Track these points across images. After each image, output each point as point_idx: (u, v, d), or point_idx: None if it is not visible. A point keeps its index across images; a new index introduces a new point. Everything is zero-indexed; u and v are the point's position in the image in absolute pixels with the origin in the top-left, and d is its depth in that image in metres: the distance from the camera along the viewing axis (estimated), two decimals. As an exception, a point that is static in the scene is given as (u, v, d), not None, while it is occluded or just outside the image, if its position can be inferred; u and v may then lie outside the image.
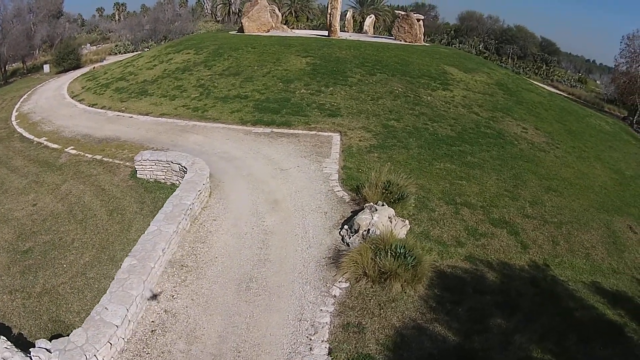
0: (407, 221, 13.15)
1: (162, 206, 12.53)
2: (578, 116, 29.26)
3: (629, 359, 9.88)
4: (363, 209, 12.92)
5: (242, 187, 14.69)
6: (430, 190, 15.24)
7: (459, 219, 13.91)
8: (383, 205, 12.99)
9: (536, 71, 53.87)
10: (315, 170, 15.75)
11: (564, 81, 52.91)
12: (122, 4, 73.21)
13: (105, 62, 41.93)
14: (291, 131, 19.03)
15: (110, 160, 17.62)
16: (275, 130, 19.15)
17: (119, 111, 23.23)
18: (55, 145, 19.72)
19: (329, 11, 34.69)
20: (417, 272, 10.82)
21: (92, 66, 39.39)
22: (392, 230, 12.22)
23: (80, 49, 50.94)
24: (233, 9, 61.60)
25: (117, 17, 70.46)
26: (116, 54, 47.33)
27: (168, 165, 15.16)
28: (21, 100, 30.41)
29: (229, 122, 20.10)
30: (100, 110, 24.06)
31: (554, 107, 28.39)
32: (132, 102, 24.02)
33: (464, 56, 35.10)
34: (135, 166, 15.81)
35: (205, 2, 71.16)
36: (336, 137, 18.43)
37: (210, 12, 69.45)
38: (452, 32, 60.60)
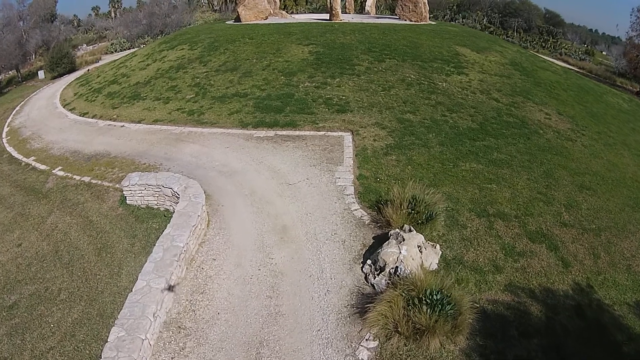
0: (437, 246, 10.77)
1: (154, 240, 10.44)
2: (596, 95, 26.80)
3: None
4: (387, 237, 10.42)
5: (245, 210, 12.18)
6: (459, 199, 12.91)
7: (493, 235, 11.75)
8: (410, 230, 10.52)
9: (543, 44, 50.39)
10: (327, 182, 13.18)
11: (573, 54, 49.49)
12: (117, 1, 69.82)
13: (100, 63, 39.17)
14: (297, 133, 16.40)
15: (99, 182, 15.23)
16: (279, 132, 16.53)
17: (110, 120, 20.69)
18: (43, 167, 17.42)
19: (329, -7, 31.58)
20: (458, 323, 8.49)
21: (87, 68, 36.65)
22: (422, 263, 9.88)
23: (75, 50, 48.26)
24: (230, -3, 58.12)
25: (113, 15, 67.24)
26: (112, 52, 44.49)
27: (159, 189, 12.69)
28: (13, 112, 27.99)
29: (228, 126, 17.49)
30: (91, 120, 21.52)
31: (571, 87, 25.88)
32: (124, 108, 21.42)
33: (473, 34, 32.03)
34: (124, 192, 13.38)
35: (202, -9, 67.69)
36: (347, 138, 15.81)
37: (207, 1, 65.91)
38: (455, 7, 56.81)
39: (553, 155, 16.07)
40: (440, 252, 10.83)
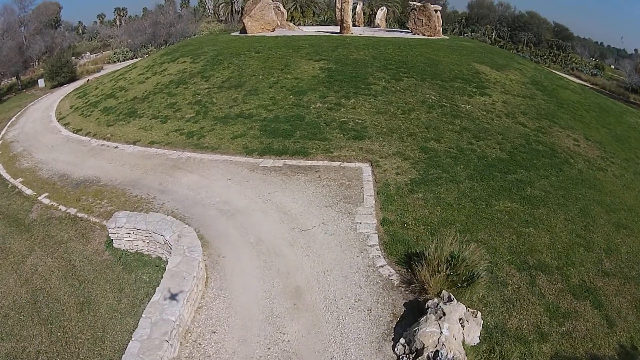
0: (479, 314, 8.86)
1: (143, 297, 8.65)
2: (616, 115, 25.39)
3: None
4: (422, 305, 8.42)
5: (250, 264, 10.07)
6: (496, 249, 11.08)
7: (536, 293, 10.10)
8: (450, 299, 8.52)
9: (554, 59, 48.52)
10: (346, 229, 11.07)
11: (584, 69, 47.76)
12: (122, 9, 67.93)
13: (101, 73, 37.28)
14: (309, 163, 14.33)
15: (85, 216, 13.25)
16: (288, 162, 14.46)
17: (103, 139, 18.72)
18: (29, 191, 15.56)
19: (340, 6, 29.60)
20: None
21: (87, 79, 34.76)
22: (464, 339, 7.90)
23: (78, 58, 46.43)
24: (236, 7, 56.20)
25: (117, 23, 65.26)
26: (115, 62, 42.50)
27: (149, 234, 10.60)
28: (9, 123, 26.28)
29: (231, 152, 15.42)
30: (84, 138, 19.58)
31: (593, 107, 24.42)
32: (120, 126, 19.42)
33: (489, 50, 30.01)
34: (110, 235, 11.31)
35: (208, 1, 65.66)
36: (366, 170, 13.74)
37: (212, 11, 64.01)
38: (463, 20, 54.81)
39: (587, 189, 14.48)
40: (482, 322, 8.85)
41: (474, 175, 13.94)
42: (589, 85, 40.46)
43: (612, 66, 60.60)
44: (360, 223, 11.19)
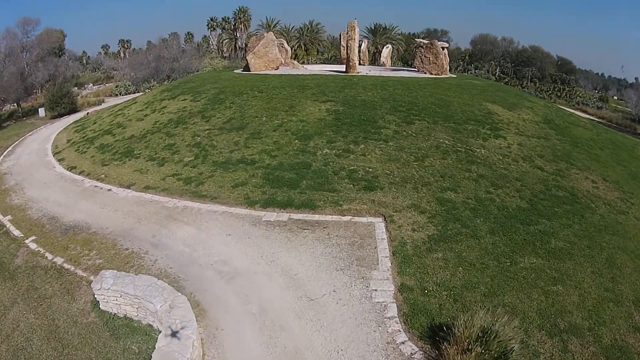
0: None
1: None
2: (628, 150, 25.17)
3: None
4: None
5: (252, 340, 8.81)
6: (525, 313, 10.05)
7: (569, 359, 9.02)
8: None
9: (558, 94, 48.26)
10: (360, 297, 9.85)
11: (589, 103, 47.59)
12: (126, 41, 68.15)
13: (102, 106, 36.72)
14: (316, 217, 13.18)
15: (72, 268, 12.11)
16: (293, 216, 13.31)
17: (97, 179, 17.78)
18: (16, 232, 14.52)
19: (345, 43, 29.12)
20: None
21: (87, 111, 34.14)
22: None
23: (81, 89, 46.02)
24: (239, 43, 56.24)
25: (121, 54, 65.31)
26: (117, 95, 42.02)
27: (138, 301, 9.39)
28: (5, 152, 25.62)
29: (231, 203, 14.29)
30: (77, 176, 18.68)
31: (605, 144, 24.04)
32: (115, 166, 18.45)
33: (497, 88, 29.39)
34: (96, 296, 10.12)
35: (211, 37, 65.96)
36: (380, 226, 12.59)
37: (216, 47, 64.14)
38: (467, 57, 54.69)
39: (611, 236, 13.61)
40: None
41: (495, 228, 12.87)
42: (596, 119, 40.28)
43: (615, 97, 60.73)
44: (376, 290, 9.98)
